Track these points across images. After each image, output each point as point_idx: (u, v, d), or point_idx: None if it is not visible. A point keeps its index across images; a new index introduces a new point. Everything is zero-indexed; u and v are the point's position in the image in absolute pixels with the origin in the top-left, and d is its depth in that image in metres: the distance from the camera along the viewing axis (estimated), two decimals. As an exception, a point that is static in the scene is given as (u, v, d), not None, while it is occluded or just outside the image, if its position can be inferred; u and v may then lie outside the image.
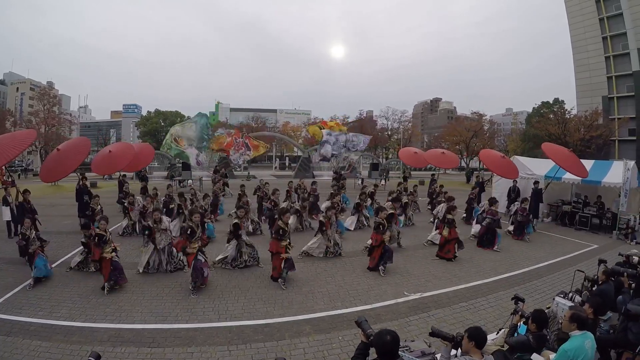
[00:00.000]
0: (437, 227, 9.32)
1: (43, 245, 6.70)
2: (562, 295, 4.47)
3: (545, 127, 36.11)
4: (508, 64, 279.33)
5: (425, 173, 34.16)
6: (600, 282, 4.74)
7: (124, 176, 13.90)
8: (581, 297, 4.39)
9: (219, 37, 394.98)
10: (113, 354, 4.11)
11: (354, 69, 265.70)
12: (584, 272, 5.26)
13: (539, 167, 13.56)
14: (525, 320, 3.58)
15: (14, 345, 4.25)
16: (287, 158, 52.48)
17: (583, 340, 3.02)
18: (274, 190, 11.03)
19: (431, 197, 14.38)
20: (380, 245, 7.10)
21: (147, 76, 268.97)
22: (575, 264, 7.95)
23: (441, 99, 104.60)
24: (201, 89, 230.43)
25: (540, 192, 12.09)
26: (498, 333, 3.89)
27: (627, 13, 36.76)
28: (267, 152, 35.97)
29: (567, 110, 39.23)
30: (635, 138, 36.34)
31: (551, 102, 45.30)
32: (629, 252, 5.78)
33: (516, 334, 3.56)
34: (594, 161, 13.12)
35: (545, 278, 7.18)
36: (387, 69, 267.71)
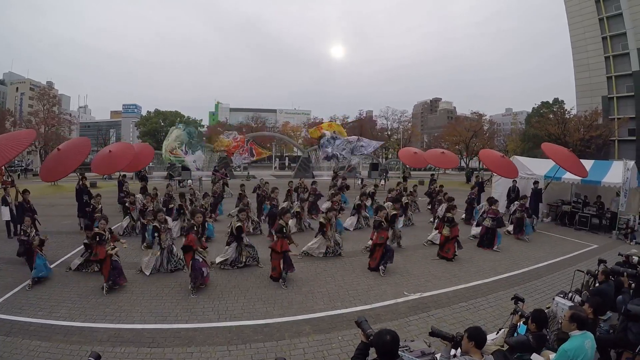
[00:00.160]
0: (437, 227, 9.32)
1: (42, 242, 6.65)
2: (562, 295, 4.47)
3: (545, 127, 36.21)
4: (508, 64, 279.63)
5: (425, 173, 34.14)
6: (600, 281, 4.75)
7: (124, 176, 13.87)
8: (581, 297, 4.39)
9: (219, 37, 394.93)
10: (113, 354, 4.11)
11: (353, 69, 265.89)
12: (584, 272, 5.26)
13: (538, 167, 13.57)
14: (525, 320, 3.58)
15: (13, 345, 4.25)
16: (287, 158, 52.44)
17: (583, 340, 3.02)
18: (273, 188, 11.03)
19: (430, 196, 14.39)
20: (382, 244, 7.10)
21: (147, 76, 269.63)
22: (575, 264, 7.95)
23: (441, 99, 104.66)
24: (201, 89, 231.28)
25: (540, 192, 12.11)
26: (498, 333, 3.89)
27: (626, 13, 36.82)
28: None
29: (566, 110, 39.38)
30: (635, 138, 36.41)
31: (551, 102, 45.37)
32: (628, 252, 5.80)
33: (516, 334, 3.56)
34: (593, 161, 13.13)
35: (545, 278, 7.19)
36: (387, 69, 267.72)
